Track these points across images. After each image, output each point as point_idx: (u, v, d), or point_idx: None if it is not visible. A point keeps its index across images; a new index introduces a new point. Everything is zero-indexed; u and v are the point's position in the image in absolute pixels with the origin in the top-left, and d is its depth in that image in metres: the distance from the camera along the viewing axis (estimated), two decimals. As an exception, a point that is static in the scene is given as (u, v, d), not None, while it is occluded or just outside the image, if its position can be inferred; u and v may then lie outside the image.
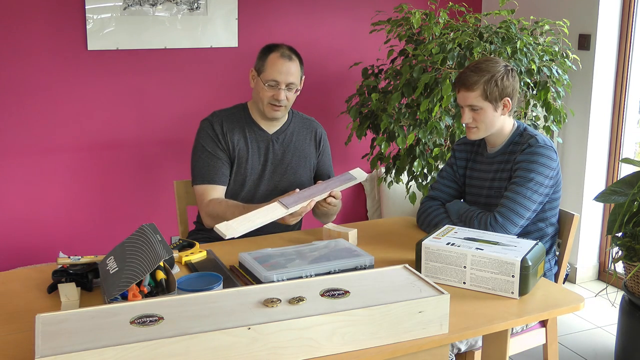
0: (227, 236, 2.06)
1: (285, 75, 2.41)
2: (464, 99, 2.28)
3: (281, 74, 2.41)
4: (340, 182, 2.36)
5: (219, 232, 2.06)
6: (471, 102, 2.26)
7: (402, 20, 3.45)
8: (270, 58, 2.43)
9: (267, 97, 2.43)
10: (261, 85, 2.44)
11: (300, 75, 2.47)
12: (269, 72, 2.42)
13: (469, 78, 2.25)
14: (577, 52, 3.69)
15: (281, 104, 2.43)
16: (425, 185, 3.42)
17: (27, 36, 3.35)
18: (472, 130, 2.31)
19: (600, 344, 3.21)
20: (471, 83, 2.24)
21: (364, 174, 2.42)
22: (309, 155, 2.61)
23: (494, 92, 2.24)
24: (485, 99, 2.25)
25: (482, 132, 2.31)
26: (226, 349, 1.41)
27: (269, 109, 2.45)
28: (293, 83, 2.44)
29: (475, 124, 2.29)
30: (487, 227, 2.18)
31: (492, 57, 2.73)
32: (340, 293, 1.61)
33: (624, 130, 3.76)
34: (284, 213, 2.20)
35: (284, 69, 2.41)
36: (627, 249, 2.82)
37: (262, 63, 2.45)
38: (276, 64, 2.41)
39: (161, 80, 3.66)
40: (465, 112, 2.29)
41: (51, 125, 3.48)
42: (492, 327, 1.74)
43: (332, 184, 2.34)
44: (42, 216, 3.55)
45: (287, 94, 2.44)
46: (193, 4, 3.60)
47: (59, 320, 1.46)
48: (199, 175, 2.48)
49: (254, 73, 2.49)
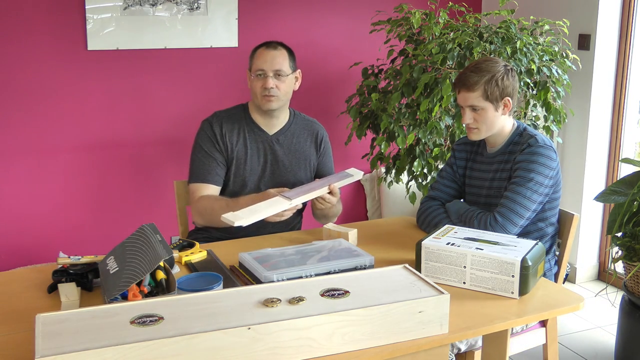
0: (235, 223, 2.08)
1: (270, 63, 2.44)
2: (464, 100, 2.28)
3: (266, 62, 2.44)
4: (338, 179, 2.39)
5: (227, 221, 2.09)
6: (472, 103, 2.26)
7: (402, 20, 3.45)
8: (257, 52, 2.50)
9: (258, 87, 2.46)
10: (251, 78, 2.48)
11: (289, 65, 2.48)
12: (255, 63, 2.47)
13: (470, 78, 2.25)
14: (577, 52, 3.69)
15: (272, 93, 2.44)
16: (425, 185, 3.42)
17: (27, 36, 3.35)
18: (473, 131, 2.31)
19: (600, 344, 3.21)
20: (472, 83, 2.24)
21: (360, 172, 2.45)
22: (309, 156, 2.61)
23: (495, 92, 2.24)
24: (486, 99, 2.25)
25: (483, 132, 2.31)
26: (226, 349, 1.41)
27: (263, 101, 2.47)
28: (280, 70, 2.44)
29: (476, 124, 2.29)
30: (487, 227, 2.18)
31: (492, 57, 2.73)
32: (340, 293, 1.61)
33: (624, 130, 3.76)
34: (288, 205, 2.23)
35: (269, 58, 2.45)
36: (627, 249, 2.82)
37: (251, 60, 2.51)
38: (262, 54, 2.47)
39: (161, 80, 3.66)
40: (466, 112, 2.29)
41: (51, 125, 3.48)
42: (492, 327, 1.74)
43: (330, 180, 2.38)
44: (42, 216, 3.55)
45: (277, 83, 2.45)
46: (193, 4, 3.60)
47: (59, 320, 1.46)
48: (194, 174, 2.51)
49: (248, 73, 2.52)
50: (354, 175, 2.43)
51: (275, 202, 2.22)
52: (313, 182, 2.42)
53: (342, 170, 2.46)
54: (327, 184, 2.35)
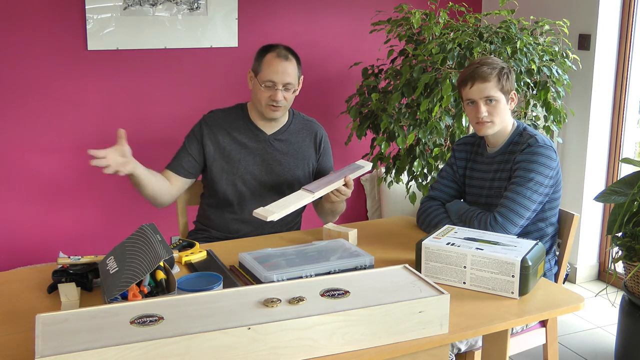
0: (267, 218, 2.16)
1: (282, 76, 2.40)
2: (480, 92, 2.26)
3: (277, 74, 2.40)
4: (351, 171, 2.43)
5: (259, 216, 2.18)
6: (489, 93, 2.25)
7: (402, 20, 3.45)
8: (267, 58, 2.42)
9: (265, 97, 2.42)
10: (258, 86, 2.43)
11: (297, 75, 2.46)
12: (265, 72, 2.41)
13: (483, 70, 2.26)
14: (577, 52, 3.69)
15: (279, 104, 2.43)
16: (425, 185, 3.42)
17: (27, 36, 3.35)
18: (487, 124, 2.29)
19: (600, 344, 3.21)
20: (487, 74, 2.25)
21: (369, 164, 2.50)
22: (307, 156, 2.61)
23: (507, 84, 2.28)
24: (500, 90, 2.27)
25: (496, 126, 2.30)
26: (226, 349, 1.41)
27: (267, 110, 2.45)
28: (290, 83, 2.42)
29: (490, 117, 2.28)
30: (487, 227, 2.18)
31: (491, 56, 2.73)
32: (340, 293, 1.61)
33: (624, 130, 3.76)
34: (312, 198, 2.30)
35: (280, 69, 2.40)
36: (627, 249, 2.82)
37: (258, 64, 2.44)
38: (272, 64, 2.40)
39: (161, 80, 3.66)
40: (480, 106, 2.27)
41: (51, 124, 3.48)
42: (492, 327, 1.74)
43: (345, 172, 2.42)
44: (42, 216, 3.55)
45: (285, 94, 2.43)
46: (193, 4, 3.60)
47: (59, 320, 1.46)
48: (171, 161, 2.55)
49: (251, 74, 2.48)
50: (364, 167, 2.47)
51: (300, 195, 2.30)
52: (329, 175, 2.45)
53: (352, 162, 2.50)
54: (342, 176, 2.38)
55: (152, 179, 2.36)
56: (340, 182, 2.37)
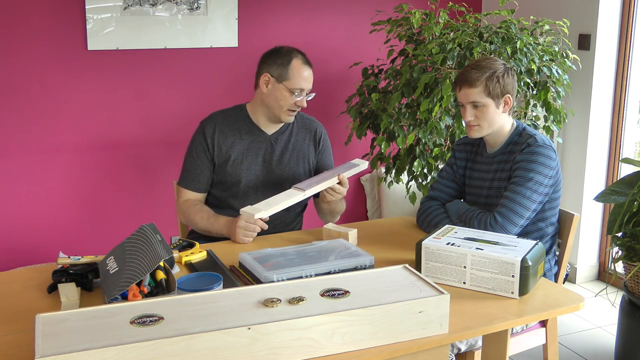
0: (255, 216, 2.20)
1: (309, 83, 2.47)
2: (466, 96, 2.28)
3: (306, 81, 2.45)
4: (345, 169, 2.43)
5: (246, 215, 2.21)
6: (474, 99, 2.26)
7: (402, 20, 3.45)
8: (294, 65, 2.43)
9: (289, 104, 2.45)
10: (283, 92, 2.43)
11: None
12: (296, 80, 2.42)
13: (471, 75, 2.25)
14: (577, 52, 3.69)
15: (300, 109, 2.49)
16: (425, 185, 3.42)
17: (28, 36, 3.35)
18: (474, 128, 2.31)
19: (600, 344, 3.21)
20: (473, 79, 2.25)
21: (365, 162, 2.50)
22: (307, 154, 2.61)
23: (496, 88, 2.24)
24: (487, 95, 2.25)
25: (484, 130, 2.30)
26: (226, 349, 1.41)
27: (285, 115, 2.48)
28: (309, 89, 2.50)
29: (477, 121, 2.29)
30: (487, 227, 2.18)
31: (491, 56, 2.73)
32: (340, 293, 1.61)
33: (624, 130, 3.76)
34: (303, 196, 2.31)
35: (309, 77, 2.46)
36: (627, 249, 2.82)
37: (284, 70, 2.43)
38: (301, 71, 2.44)
39: (161, 80, 3.66)
40: (467, 109, 2.29)
41: (51, 125, 3.48)
42: (492, 327, 1.74)
43: (339, 170, 2.42)
44: (42, 216, 3.55)
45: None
46: (193, 4, 3.60)
47: (59, 320, 1.46)
48: (182, 176, 2.56)
49: (268, 79, 2.45)
50: (359, 165, 2.47)
51: (290, 194, 2.31)
52: (322, 173, 2.46)
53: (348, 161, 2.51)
54: (336, 174, 2.39)
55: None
56: (333, 181, 2.37)
